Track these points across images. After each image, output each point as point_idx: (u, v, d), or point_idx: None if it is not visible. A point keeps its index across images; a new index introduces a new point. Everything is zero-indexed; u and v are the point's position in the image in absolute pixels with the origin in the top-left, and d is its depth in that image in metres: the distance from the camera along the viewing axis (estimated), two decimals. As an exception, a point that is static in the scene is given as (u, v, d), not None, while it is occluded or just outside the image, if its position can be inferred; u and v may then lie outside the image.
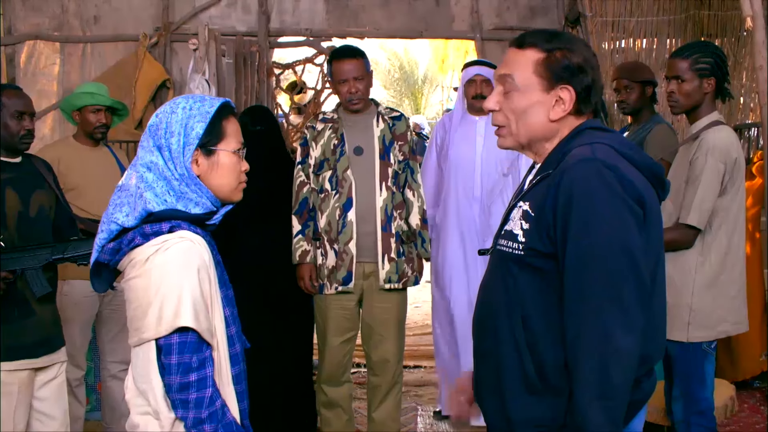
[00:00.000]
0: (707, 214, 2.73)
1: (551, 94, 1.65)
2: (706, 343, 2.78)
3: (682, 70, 2.82)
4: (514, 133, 1.69)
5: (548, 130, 1.67)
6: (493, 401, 1.68)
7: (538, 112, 1.65)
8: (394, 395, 3.59)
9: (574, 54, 1.65)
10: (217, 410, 1.64)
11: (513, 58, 1.69)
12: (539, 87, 1.65)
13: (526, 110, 1.66)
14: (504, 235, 1.67)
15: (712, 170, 2.71)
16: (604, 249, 1.51)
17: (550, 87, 1.64)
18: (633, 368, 1.52)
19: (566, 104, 1.64)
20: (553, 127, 1.66)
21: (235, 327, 1.79)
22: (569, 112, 1.65)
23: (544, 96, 1.65)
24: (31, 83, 5.22)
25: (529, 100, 1.65)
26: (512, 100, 1.67)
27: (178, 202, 1.70)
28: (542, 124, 1.66)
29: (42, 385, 2.80)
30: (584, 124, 1.67)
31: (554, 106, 1.65)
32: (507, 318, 1.62)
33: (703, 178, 2.71)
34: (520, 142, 1.70)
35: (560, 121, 1.66)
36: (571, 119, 1.66)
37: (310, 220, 3.46)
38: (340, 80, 3.42)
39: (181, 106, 1.73)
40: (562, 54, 1.64)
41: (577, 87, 1.64)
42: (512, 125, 1.68)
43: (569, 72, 1.64)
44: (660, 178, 1.67)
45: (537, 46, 1.66)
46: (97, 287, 1.80)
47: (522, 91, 1.66)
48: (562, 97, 1.64)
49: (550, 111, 1.65)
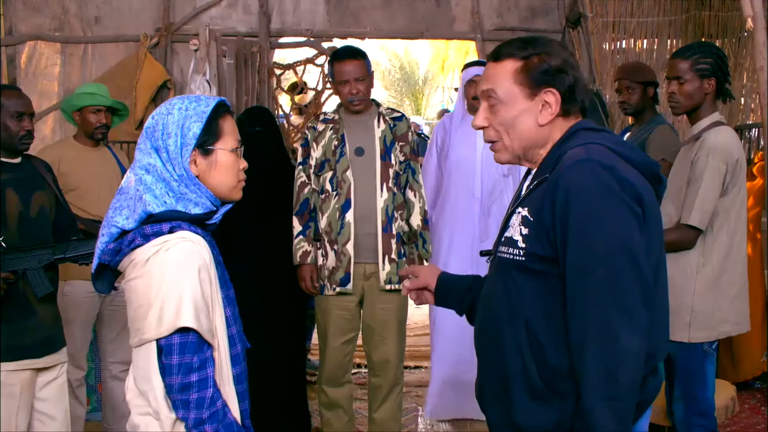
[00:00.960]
0: (709, 214, 2.73)
1: (536, 100, 1.65)
2: (707, 343, 2.78)
3: (682, 70, 2.82)
4: (508, 145, 1.69)
5: (540, 136, 1.67)
6: (497, 407, 1.68)
7: (527, 120, 1.66)
8: (394, 396, 3.59)
9: (552, 57, 1.65)
10: (218, 410, 1.64)
11: (492, 72, 1.70)
12: (522, 95, 1.65)
13: (514, 121, 1.67)
14: (504, 242, 1.67)
15: (714, 171, 2.71)
16: (605, 250, 1.51)
17: (533, 93, 1.65)
18: (640, 368, 1.52)
19: (553, 107, 1.65)
20: (544, 132, 1.67)
21: (236, 327, 1.79)
22: (557, 114, 1.66)
23: (529, 103, 1.66)
24: (31, 84, 5.23)
25: (515, 110, 1.66)
26: (499, 114, 1.68)
27: (177, 203, 1.70)
28: (532, 130, 1.67)
29: (43, 386, 2.80)
30: (576, 125, 1.67)
31: (541, 111, 1.66)
32: (510, 324, 1.62)
33: (704, 178, 2.71)
34: (516, 153, 1.70)
35: (550, 125, 1.67)
36: (560, 121, 1.67)
37: (311, 221, 3.46)
38: (341, 81, 3.42)
39: (177, 107, 1.72)
40: (539, 59, 1.65)
41: (560, 88, 1.64)
42: (504, 138, 1.69)
43: (549, 75, 1.64)
44: (656, 174, 1.67)
45: (513, 56, 1.67)
46: (99, 289, 1.80)
47: (506, 103, 1.66)
48: (548, 101, 1.65)
49: (538, 117, 1.66)
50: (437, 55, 16.97)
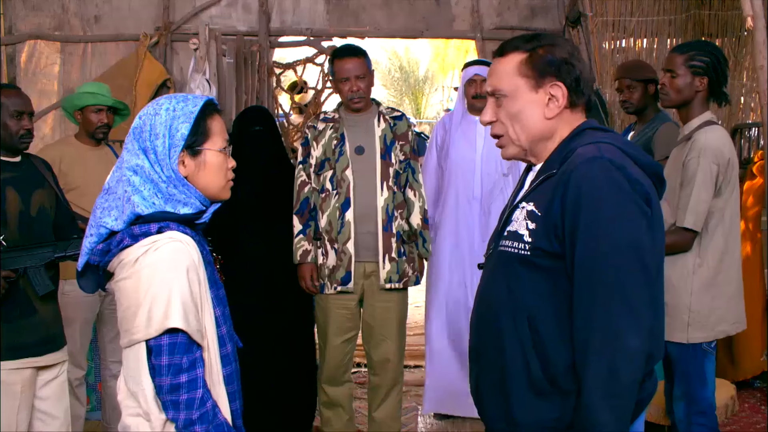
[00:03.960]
0: (703, 215, 2.73)
1: (540, 92, 1.65)
2: (706, 343, 2.78)
3: (676, 64, 2.83)
4: (514, 138, 1.69)
5: (546, 129, 1.67)
6: (495, 403, 1.68)
7: (533, 112, 1.66)
8: (394, 395, 3.59)
9: (557, 49, 1.66)
10: (208, 411, 1.63)
11: (497, 67, 1.70)
12: (527, 87, 1.66)
13: (519, 113, 1.67)
14: (507, 236, 1.66)
15: (705, 172, 2.71)
16: (615, 248, 1.51)
17: (538, 85, 1.65)
18: (641, 368, 1.52)
19: (560, 100, 1.65)
20: (551, 125, 1.67)
21: (226, 327, 1.78)
22: (564, 107, 1.66)
23: (534, 95, 1.66)
24: (31, 83, 5.22)
25: (521, 102, 1.66)
26: (505, 107, 1.68)
27: (166, 204, 1.69)
28: (539, 123, 1.67)
29: (44, 385, 2.80)
30: (583, 124, 1.67)
31: (548, 104, 1.65)
32: (511, 319, 1.62)
33: (696, 180, 2.71)
34: (522, 146, 1.70)
35: (557, 118, 1.66)
36: (567, 113, 1.67)
37: (311, 220, 3.46)
38: (341, 78, 3.42)
39: (164, 107, 1.71)
40: (544, 50, 1.65)
41: (566, 80, 1.65)
42: (510, 131, 1.69)
43: (555, 66, 1.64)
44: (660, 176, 1.68)
45: (518, 49, 1.67)
46: (84, 287, 1.79)
47: (512, 96, 1.67)
48: (554, 94, 1.65)
49: (544, 110, 1.66)
50: (437, 55, 16.99)
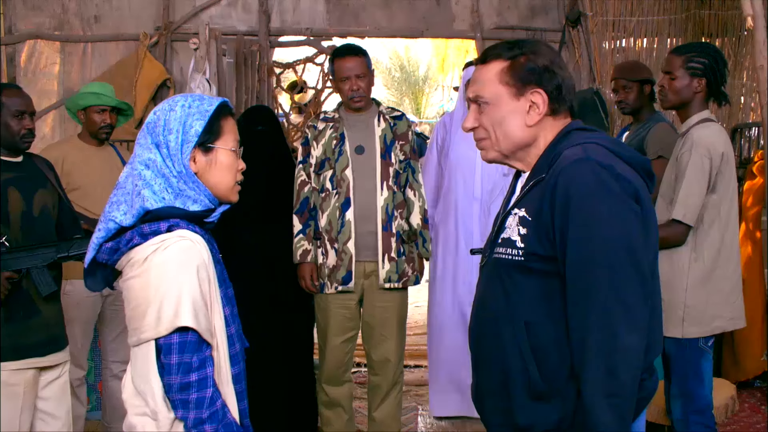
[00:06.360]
0: (694, 209, 2.74)
1: (522, 100, 1.66)
2: (702, 340, 2.79)
3: (674, 66, 2.85)
4: (495, 143, 1.71)
5: (528, 137, 1.68)
6: (496, 408, 1.68)
7: (515, 120, 1.67)
8: (394, 395, 3.59)
9: (539, 56, 1.67)
10: (218, 410, 1.63)
11: (479, 75, 1.71)
12: (508, 95, 1.67)
13: (501, 120, 1.68)
14: (501, 243, 1.67)
15: (696, 165, 2.72)
16: (606, 247, 1.52)
17: (520, 93, 1.66)
18: (639, 366, 1.52)
19: (540, 107, 1.66)
20: (532, 133, 1.68)
21: (235, 326, 1.79)
22: (545, 114, 1.67)
23: (516, 103, 1.67)
24: (31, 83, 5.22)
25: (502, 109, 1.67)
26: (487, 114, 1.69)
27: (176, 199, 1.69)
28: (520, 130, 1.68)
29: (46, 385, 2.80)
30: (569, 126, 1.68)
31: (529, 111, 1.67)
32: (509, 325, 1.62)
33: (687, 173, 2.73)
34: (502, 152, 1.71)
35: (538, 126, 1.67)
36: (549, 121, 1.68)
37: (311, 220, 3.47)
38: (341, 78, 3.43)
39: (180, 104, 1.73)
40: (525, 58, 1.66)
41: (547, 87, 1.66)
42: (492, 136, 1.70)
43: (536, 74, 1.65)
44: (649, 171, 1.69)
45: (500, 57, 1.68)
46: (91, 286, 1.79)
47: (494, 104, 1.68)
48: (535, 101, 1.66)
49: (525, 117, 1.67)
50: (437, 54, 16.99)
